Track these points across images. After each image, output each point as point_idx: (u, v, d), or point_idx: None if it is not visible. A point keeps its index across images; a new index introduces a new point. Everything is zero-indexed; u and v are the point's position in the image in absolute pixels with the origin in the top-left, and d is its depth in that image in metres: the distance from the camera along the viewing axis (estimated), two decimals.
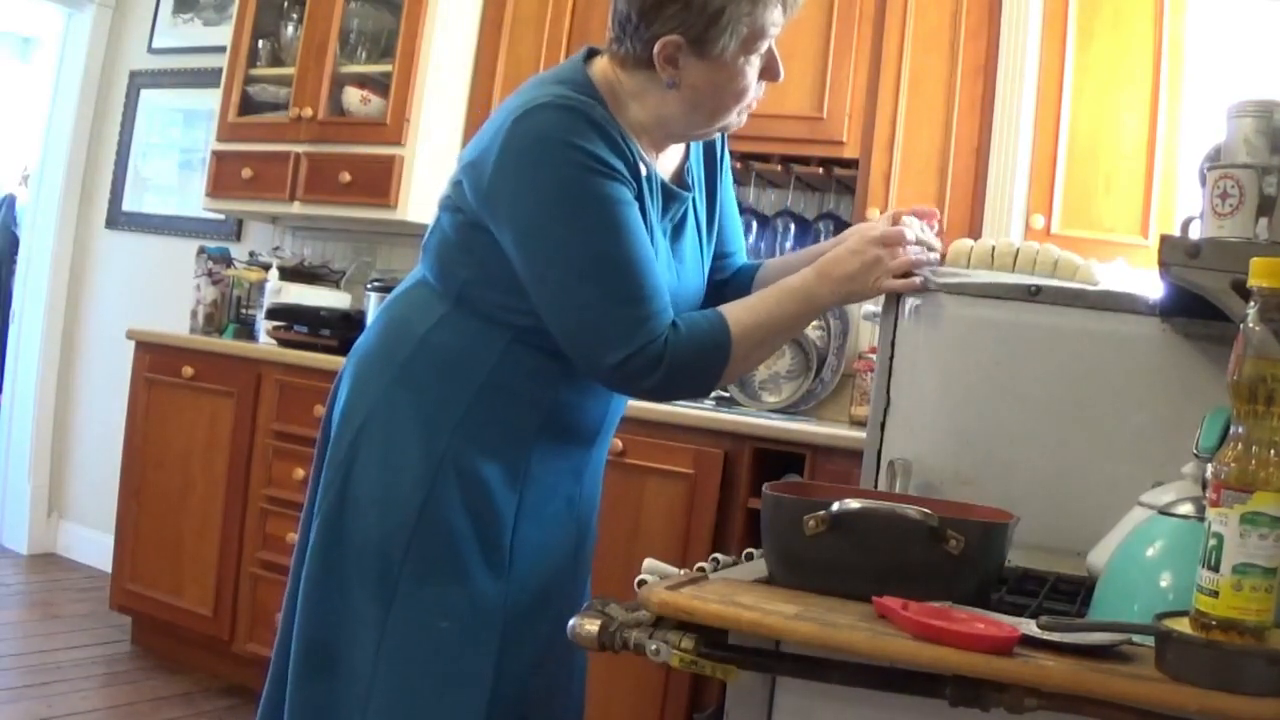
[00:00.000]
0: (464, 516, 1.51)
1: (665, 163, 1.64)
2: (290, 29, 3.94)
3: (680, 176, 1.66)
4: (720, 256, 1.78)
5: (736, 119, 1.58)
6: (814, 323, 3.39)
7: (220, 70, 4.01)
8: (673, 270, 1.60)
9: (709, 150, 1.72)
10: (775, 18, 1.48)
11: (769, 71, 1.54)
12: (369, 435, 1.54)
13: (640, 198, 1.51)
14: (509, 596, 1.53)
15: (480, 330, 1.53)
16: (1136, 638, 0.99)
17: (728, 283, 1.78)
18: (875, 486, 1.66)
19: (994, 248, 1.76)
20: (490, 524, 1.52)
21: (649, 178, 1.54)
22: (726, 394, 3.34)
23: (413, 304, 1.60)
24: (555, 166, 1.44)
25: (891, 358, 1.68)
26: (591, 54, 1.59)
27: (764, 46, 1.50)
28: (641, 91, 1.53)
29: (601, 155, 1.44)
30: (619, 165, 1.46)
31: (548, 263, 1.45)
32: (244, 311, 3.94)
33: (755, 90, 1.55)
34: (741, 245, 1.85)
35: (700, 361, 1.48)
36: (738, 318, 1.50)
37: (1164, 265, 1.26)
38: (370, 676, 1.49)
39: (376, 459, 1.53)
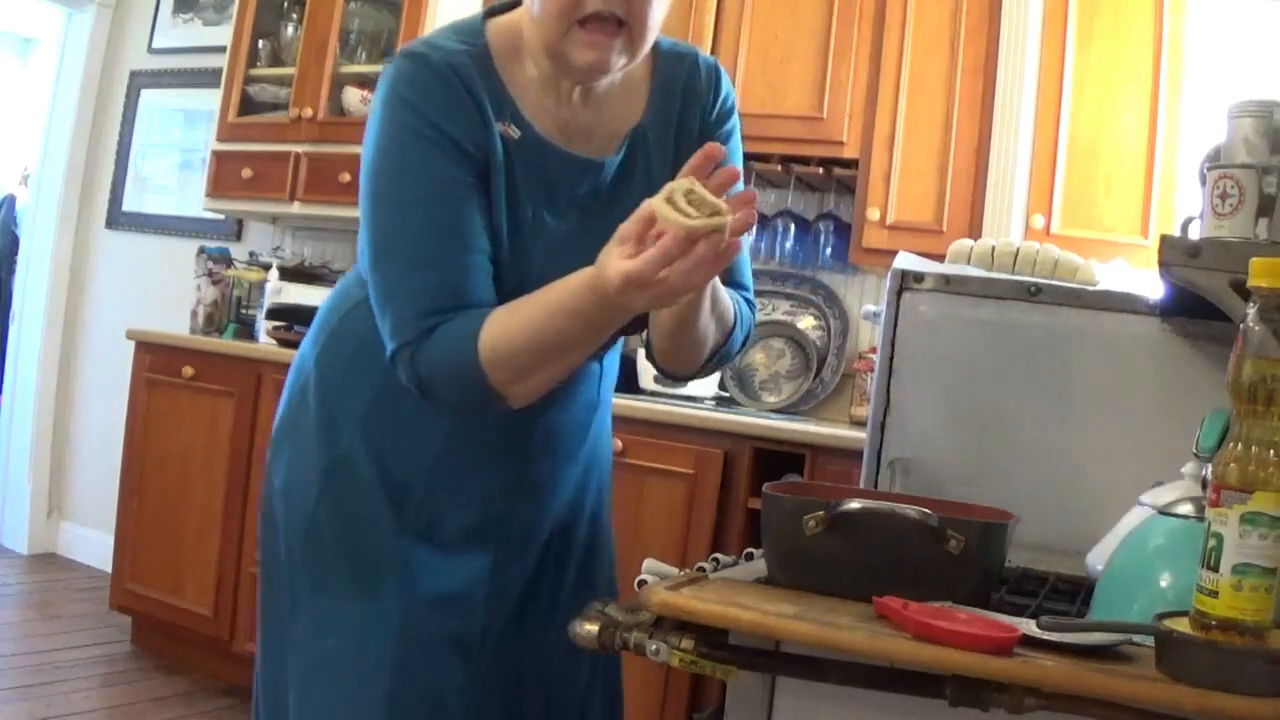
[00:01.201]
0: (357, 525, 1.37)
1: (587, 118, 1.38)
2: (290, 29, 3.94)
3: (611, 142, 1.40)
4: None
5: (576, 47, 1.27)
6: (814, 322, 3.39)
7: (220, 70, 4.01)
8: (587, 251, 1.28)
9: (682, 126, 1.43)
10: None
11: None
12: (287, 425, 1.47)
13: (486, 167, 1.31)
14: (408, 616, 1.36)
15: None
16: (1136, 638, 0.99)
17: None
18: (875, 486, 1.66)
19: (994, 248, 1.76)
20: (387, 536, 1.37)
21: (525, 141, 1.33)
22: (726, 394, 3.34)
23: (342, 288, 1.50)
24: (386, 126, 1.31)
25: (891, 358, 1.68)
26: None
27: None
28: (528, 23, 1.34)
29: (435, 119, 1.28)
30: (455, 131, 1.29)
31: (363, 231, 1.34)
32: (244, 311, 3.94)
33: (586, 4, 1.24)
34: (746, 278, 1.49)
35: (451, 383, 1.27)
36: (492, 339, 1.24)
37: (1164, 265, 1.26)
38: (287, 683, 1.40)
39: (287, 453, 1.45)
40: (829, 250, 3.38)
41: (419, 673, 1.36)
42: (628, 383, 3.13)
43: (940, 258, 1.81)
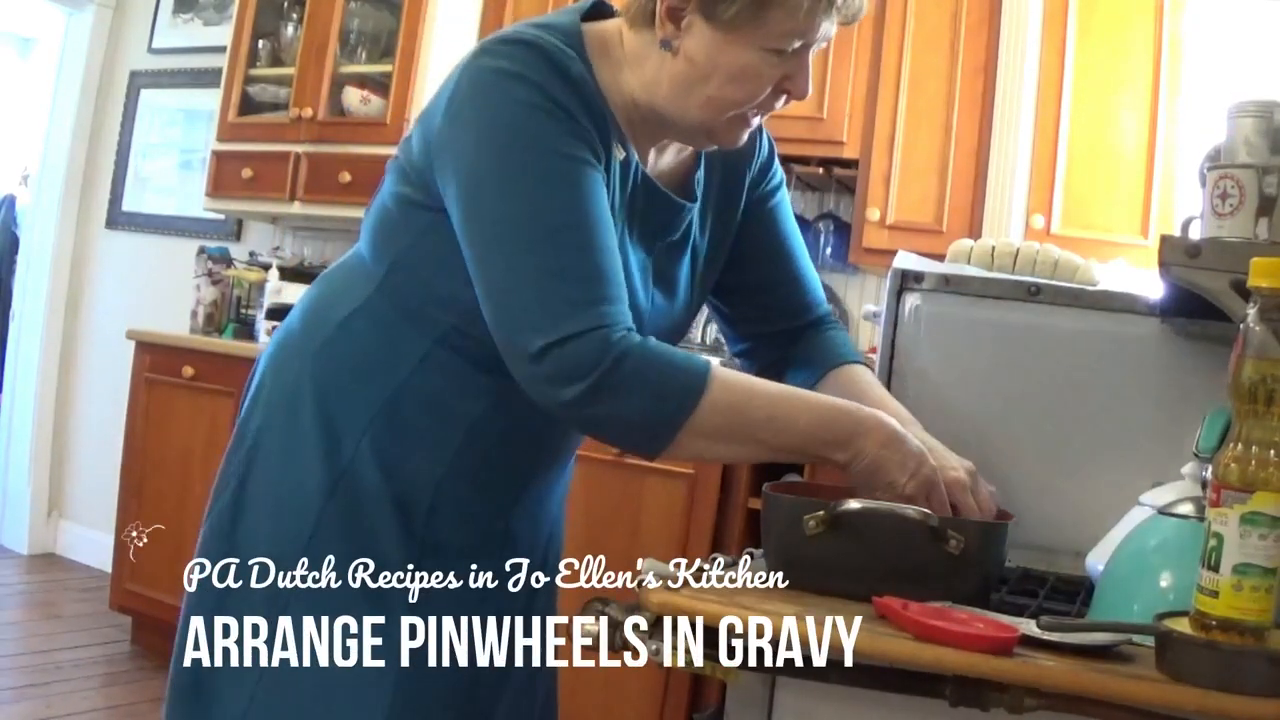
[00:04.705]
0: (362, 542, 1.29)
1: (658, 163, 1.37)
2: (290, 29, 3.94)
3: (684, 186, 1.38)
4: (773, 303, 1.52)
5: (733, 128, 1.28)
6: None
7: (220, 70, 4.02)
8: (646, 291, 1.34)
9: (733, 171, 1.42)
10: (810, 7, 1.18)
11: (793, 82, 1.24)
12: (273, 432, 1.35)
13: (607, 181, 1.23)
14: (409, 634, 1.29)
15: (401, 326, 1.30)
16: (1136, 638, 0.99)
17: (793, 338, 1.51)
18: None
19: (994, 248, 1.75)
20: (391, 553, 1.30)
21: (628, 165, 1.27)
22: None
23: (340, 281, 1.39)
24: (507, 108, 1.18)
25: (891, 358, 1.68)
26: (600, 12, 1.33)
27: (792, 45, 1.21)
28: (641, 55, 1.26)
29: (563, 101, 1.18)
30: (585, 121, 1.20)
31: (482, 222, 1.19)
32: (244, 311, 3.95)
33: (766, 97, 1.25)
34: (819, 296, 1.54)
35: (654, 391, 1.14)
36: (726, 381, 1.17)
37: (1164, 265, 1.26)
38: (245, 711, 1.30)
39: (276, 462, 1.34)
40: (829, 250, 3.38)
41: (416, 692, 1.30)
42: None
43: (940, 258, 1.81)
